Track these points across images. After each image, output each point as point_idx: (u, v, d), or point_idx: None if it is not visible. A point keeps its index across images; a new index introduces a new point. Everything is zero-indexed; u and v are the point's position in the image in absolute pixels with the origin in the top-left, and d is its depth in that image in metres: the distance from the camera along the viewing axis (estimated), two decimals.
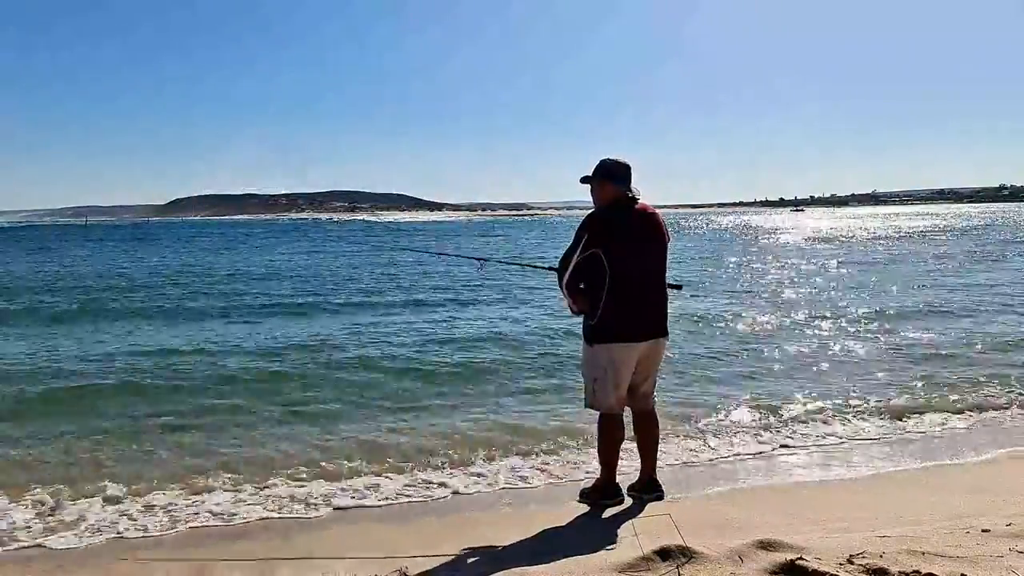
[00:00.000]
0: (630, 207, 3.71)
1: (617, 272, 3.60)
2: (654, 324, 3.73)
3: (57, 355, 8.27)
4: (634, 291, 3.64)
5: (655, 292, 3.74)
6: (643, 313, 3.69)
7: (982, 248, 27.74)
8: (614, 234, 3.63)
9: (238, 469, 4.50)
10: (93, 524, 3.71)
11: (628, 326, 3.66)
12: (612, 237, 3.62)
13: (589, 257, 3.62)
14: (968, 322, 10.12)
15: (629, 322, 3.66)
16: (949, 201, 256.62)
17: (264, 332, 9.97)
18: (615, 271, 3.60)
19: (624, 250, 3.62)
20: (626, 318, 3.65)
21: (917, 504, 3.79)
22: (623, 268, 3.60)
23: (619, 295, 3.62)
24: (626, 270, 3.61)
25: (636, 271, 3.65)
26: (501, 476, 4.39)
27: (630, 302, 3.64)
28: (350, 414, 5.82)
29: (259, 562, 3.27)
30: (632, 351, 3.68)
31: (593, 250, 3.61)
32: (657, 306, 3.74)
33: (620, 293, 3.61)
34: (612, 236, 3.62)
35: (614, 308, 3.63)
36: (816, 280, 16.66)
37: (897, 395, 6.11)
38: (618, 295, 3.62)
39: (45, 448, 4.93)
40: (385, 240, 41.42)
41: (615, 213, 3.69)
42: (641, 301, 3.67)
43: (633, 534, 3.22)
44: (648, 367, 3.81)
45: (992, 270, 18.65)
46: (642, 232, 3.70)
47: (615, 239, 3.62)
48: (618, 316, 3.64)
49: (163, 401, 6.20)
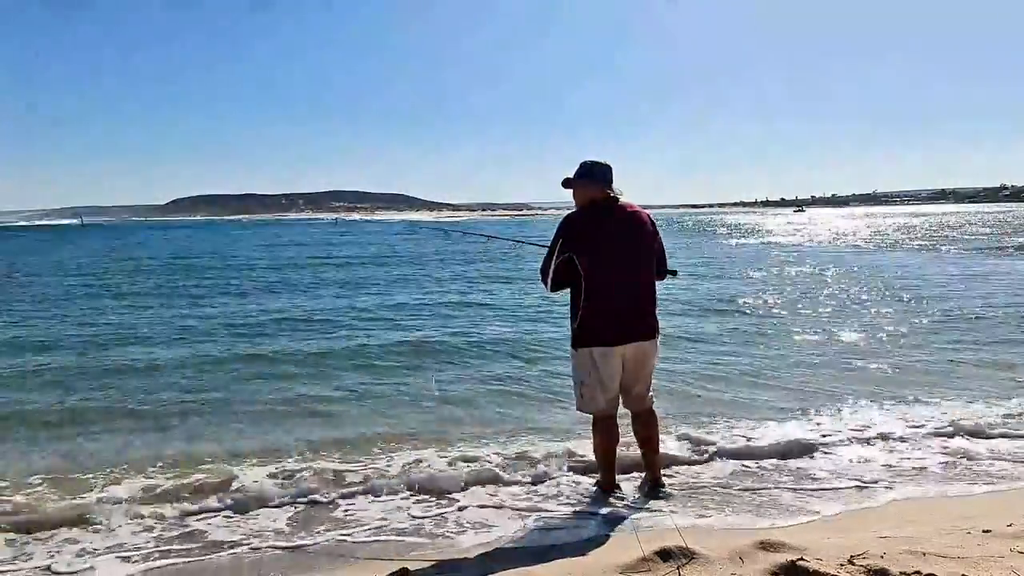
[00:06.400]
0: (609, 207, 3.65)
1: (591, 275, 3.57)
2: (635, 327, 3.65)
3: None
4: (610, 294, 3.59)
5: (635, 294, 3.65)
6: (621, 316, 3.62)
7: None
8: (587, 237, 3.59)
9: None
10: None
11: (605, 330, 3.61)
12: (585, 240, 3.58)
13: (566, 260, 3.59)
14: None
15: (606, 326, 3.61)
16: (950, 201, 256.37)
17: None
18: (589, 275, 3.57)
19: (599, 252, 3.57)
20: (603, 322, 3.60)
21: (917, 504, 3.80)
22: (597, 271, 3.57)
23: (594, 299, 3.58)
24: (601, 273, 3.57)
25: (612, 274, 3.58)
26: (501, 476, 4.37)
27: (606, 306, 3.59)
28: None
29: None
30: (612, 354, 3.63)
31: (568, 253, 3.58)
32: (639, 308, 3.66)
33: (595, 297, 3.58)
34: (585, 239, 3.58)
35: (591, 312, 3.60)
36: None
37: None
38: (593, 299, 3.58)
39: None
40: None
41: (591, 214, 3.65)
42: (619, 304, 3.60)
43: (634, 534, 3.22)
44: (637, 369, 3.74)
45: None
46: (621, 232, 3.63)
47: (588, 242, 3.58)
48: (595, 320, 3.60)
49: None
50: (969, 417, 5.29)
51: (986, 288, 13.72)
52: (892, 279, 15.69)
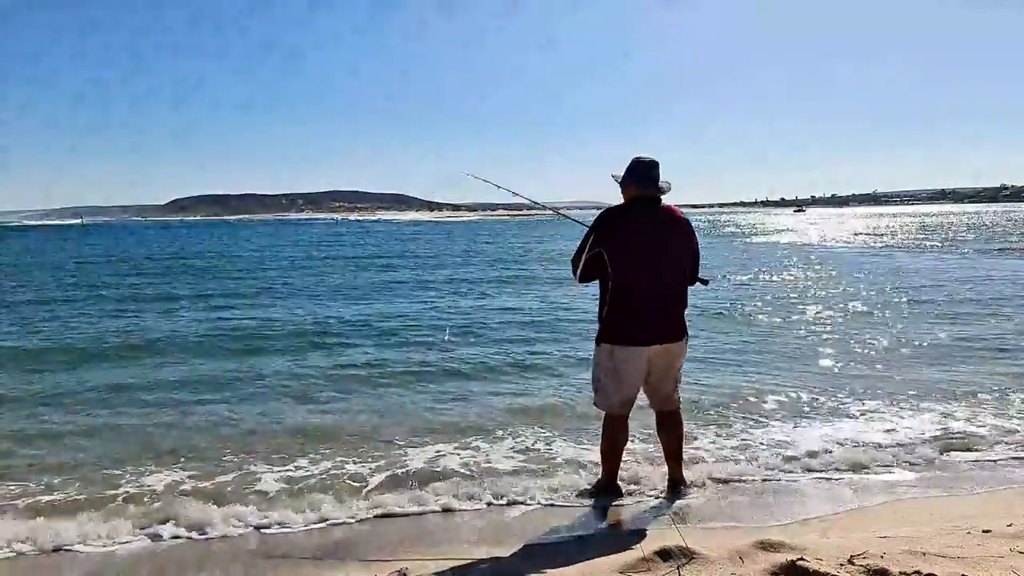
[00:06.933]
0: (645, 207, 3.60)
1: (618, 274, 3.54)
2: (661, 328, 3.60)
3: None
4: (637, 293, 3.54)
5: (663, 295, 3.60)
6: (647, 317, 3.56)
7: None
8: (618, 235, 3.56)
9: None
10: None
11: (630, 329, 3.57)
12: (615, 238, 3.55)
13: (595, 256, 3.58)
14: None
15: (631, 325, 3.56)
16: (950, 201, 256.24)
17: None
18: (615, 272, 3.54)
19: (627, 252, 3.54)
20: (628, 321, 3.56)
21: (917, 504, 3.79)
22: (625, 270, 3.53)
23: (621, 297, 3.56)
24: (628, 272, 3.53)
25: (641, 274, 3.54)
26: (502, 474, 4.37)
27: (633, 305, 3.55)
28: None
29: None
30: (636, 354, 3.58)
31: (597, 249, 3.57)
32: (666, 309, 3.61)
33: (622, 295, 3.55)
34: (616, 237, 3.55)
35: (616, 310, 3.57)
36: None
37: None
38: (620, 297, 3.56)
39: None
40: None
41: (625, 212, 3.61)
42: (646, 304, 3.56)
43: (634, 534, 3.23)
44: (663, 370, 3.69)
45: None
46: (655, 233, 3.57)
47: (618, 240, 3.55)
48: (620, 318, 3.57)
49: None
50: (970, 417, 5.29)
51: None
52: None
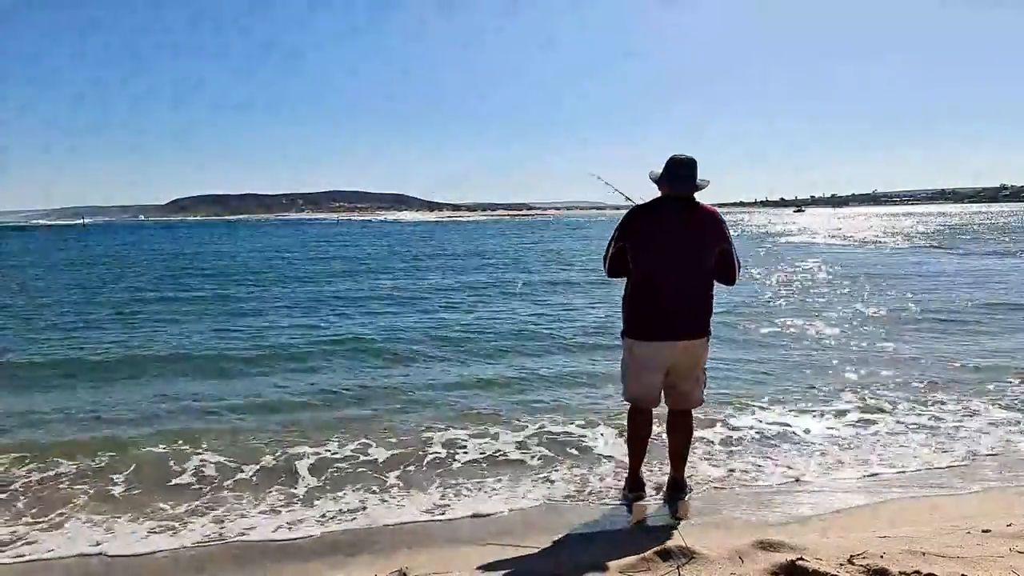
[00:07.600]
0: (673, 205, 3.58)
1: (639, 270, 3.60)
2: (681, 325, 3.58)
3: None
4: (657, 289, 3.56)
5: (686, 293, 3.58)
6: (667, 313, 3.56)
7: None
8: (642, 232, 3.60)
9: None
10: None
11: (648, 324, 3.59)
12: (639, 235, 3.60)
13: (620, 250, 3.66)
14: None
15: (650, 320, 3.58)
16: (950, 201, 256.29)
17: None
18: (637, 268, 3.60)
19: (650, 249, 3.58)
20: (647, 316, 3.59)
21: (917, 504, 3.80)
22: (647, 267, 3.58)
23: (641, 292, 3.61)
24: (650, 269, 3.57)
25: (664, 271, 3.55)
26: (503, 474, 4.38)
27: (652, 300, 3.58)
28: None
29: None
30: (655, 349, 3.59)
31: (622, 243, 3.64)
32: (687, 307, 3.59)
33: (642, 291, 3.61)
34: (639, 234, 3.60)
35: (636, 305, 3.63)
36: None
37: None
38: (640, 292, 3.61)
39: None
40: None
41: (652, 209, 3.63)
42: (666, 301, 3.56)
43: (634, 534, 3.23)
44: (684, 368, 3.67)
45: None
46: (683, 231, 3.55)
47: (642, 237, 3.59)
48: (639, 313, 3.62)
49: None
50: (970, 417, 5.30)
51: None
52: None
